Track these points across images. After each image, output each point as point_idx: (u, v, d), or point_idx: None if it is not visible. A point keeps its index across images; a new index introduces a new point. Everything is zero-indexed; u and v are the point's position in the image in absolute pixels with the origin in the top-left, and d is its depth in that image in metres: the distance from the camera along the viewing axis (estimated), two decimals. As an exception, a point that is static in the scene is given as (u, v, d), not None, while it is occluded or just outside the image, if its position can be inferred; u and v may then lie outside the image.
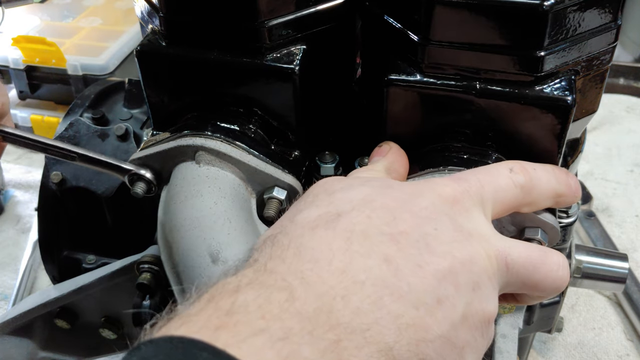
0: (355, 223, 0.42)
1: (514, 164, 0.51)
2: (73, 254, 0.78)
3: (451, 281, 0.41)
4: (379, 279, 0.39)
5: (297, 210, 0.46)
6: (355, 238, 0.41)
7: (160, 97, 0.62)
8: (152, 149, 0.60)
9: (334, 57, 0.62)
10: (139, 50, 0.59)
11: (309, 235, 0.42)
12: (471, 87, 0.53)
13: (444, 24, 0.52)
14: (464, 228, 0.45)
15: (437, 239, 0.43)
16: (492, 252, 0.45)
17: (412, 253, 0.41)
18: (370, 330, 0.37)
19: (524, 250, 0.47)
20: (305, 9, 0.57)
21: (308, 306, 0.36)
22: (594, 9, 0.52)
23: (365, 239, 0.41)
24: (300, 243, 0.41)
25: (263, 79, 0.58)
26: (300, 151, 0.63)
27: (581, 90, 0.56)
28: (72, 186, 0.74)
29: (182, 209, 0.55)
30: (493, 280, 0.45)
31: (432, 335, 0.39)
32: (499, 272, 0.46)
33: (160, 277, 0.67)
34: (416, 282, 0.40)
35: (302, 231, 0.42)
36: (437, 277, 0.41)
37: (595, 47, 0.54)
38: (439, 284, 0.41)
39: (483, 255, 0.44)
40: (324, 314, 0.36)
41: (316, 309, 0.36)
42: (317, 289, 0.37)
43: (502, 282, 0.47)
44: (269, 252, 0.41)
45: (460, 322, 0.41)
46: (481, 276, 0.44)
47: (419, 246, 0.42)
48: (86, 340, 0.79)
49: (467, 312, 0.42)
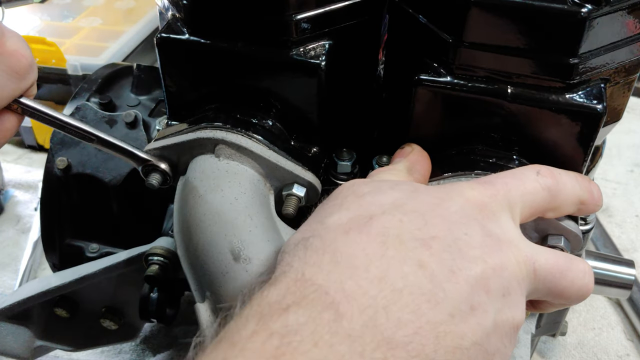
0: (389, 227, 0.42)
1: (541, 167, 0.51)
2: (75, 241, 0.76)
3: (483, 287, 0.41)
4: (416, 286, 0.39)
5: (326, 213, 0.45)
6: (390, 243, 0.41)
7: (179, 87, 0.60)
8: (169, 139, 0.58)
9: (359, 54, 0.61)
10: (160, 37, 0.57)
11: (343, 239, 0.41)
12: (503, 91, 0.52)
13: (478, 25, 0.51)
14: (492, 233, 0.44)
15: (468, 244, 0.43)
16: (521, 257, 0.45)
17: (445, 258, 0.41)
18: (413, 343, 0.37)
19: (551, 256, 0.47)
20: (333, 4, 0.56)
21: (354, 323, 0.36)
22: (629, 17, 0.51)
23: (400, 243, 0.41)
24: (336, 248, 0.41)
25: (288, 72, 0.56)
26: (319, 148, 0.62)
27: (609, 97, 0.56)
28: (78, 172, 0.72)
29: (202, 204, 0.54)
30: (522, 286, 0.45)
31: (467, 342, 0.39)
32: (527, 278, 0.46)
33: (169, 270, 0.65)
34: (451, 288, 0.40)
35: (335, 235, 0.42)
36: (470, 283, 0.41)
37: (627, 55, 0.53)
38: (472, 290, 0.41)
39: (512, 260, 0.44)
40: (369, 329, 0.36)
41: (362, 325, 0.36)
42: (360, 302, 0.37)
43: (530, 288, 0.46)
44: (303, 257, 0.41)
45: (492, 329, 0.41)
46: (511, 282, 0.43)
47: (452, 251, 0.41)
48: (85, 330, 0.78)
49: (498, 319, 0.42)
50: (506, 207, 0.47)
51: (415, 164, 0.56)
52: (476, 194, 0.46)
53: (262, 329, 0.36)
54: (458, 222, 0.43)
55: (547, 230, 0.54)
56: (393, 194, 0.46)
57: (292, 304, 0.37)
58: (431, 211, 0.44)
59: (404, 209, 0.43)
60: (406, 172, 0.54)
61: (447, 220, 0.43)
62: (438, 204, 0.45)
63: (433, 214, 0.44)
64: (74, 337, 0.78)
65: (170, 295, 0.69)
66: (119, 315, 0.75)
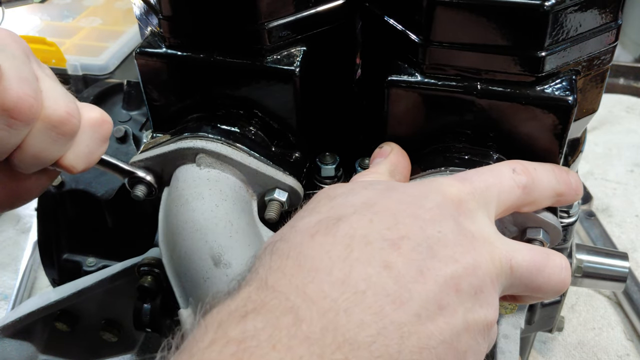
0: (357, 228, 0.42)
1: (516, 164, 0.51)
2: (73, 256, 0.78)
3: (453, 286, 0.41)
4: (380, 287, 0.39)
5: (298, 217, 0.45)
6: (355, 244, 0.41)
7: (160, 99, 0.62)
8: (152, 151, 0.59)
9: (334, 58, 0.62)
10: (139, 52, 0.59)
11: (308, 242, 0.41)
12: (472, 88, 0.53)
13: (445, 24, 0.52)
14: (468, 231, 0.45)
15: (441, 242, 0.42)
16: (496, 255, 0.45)
17: (413, 258, 0.41)
18: (376, 343, 0.37)
19: (528, 253, 0.47)
20: (305, 11, 0.57)
21: (314, 326, 0.36)
22: (594, 8, 0.51)
23: (367, 244, 0.41)
24: (300, 251, 0.41)
25: (263, 80, 0.58)
26: (301, 152, 0.62)
27: (582, 90, 0.56)
28: (72, 189, 0.74)
29: (183, 212, 0.55)
30: (495, 284, 0.45)
31: (434, 341, 0.39)
32: (503, 275, 0.46)
33: (161, 279, 0.67)
34: (417, 288, 0.40)
35: (301, 238, 0.42)
36: (438, 283, 0.41)
37: (595, 47, 0.54)
38: (440, 290, 0.40)
39: (487, 258, 0.44)
40: (329, 332, 0.36)
41: (322, 328, 0.36)
42: (321, 305, 0.37)
43: (504, 285, 0.46)
44: (269, 262, 0.41)
45: (462, 328, 0.41)
46: (484, 280, 0.43)
47: (421, 250, 0.41)
48: (86, 343, 0.79)
49: (468, 318, 0.42)
50: (483, 204, 0.48)
51: (397, 165, 0.56)
52: (454, 190, 0.47)
53: (220, 337, 0.36)
54: (432, 220, 0.43)
55: (525, 223, 0.54)
56: (366, 193, 0.46)
57: (251, 311, 0.37)
58: (404, 210, 0.44)
59: (375, 209, 0.44)
60: (388, 175, 0.55)
61: (420, 219, 0.43)
62: (412, 202, 0.45)
63: (406, 212, 0.43)
64: (76, 350, 0.80)
65: (164, 304, 0.70)
66: (118, 327, 0.77)
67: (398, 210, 0.44)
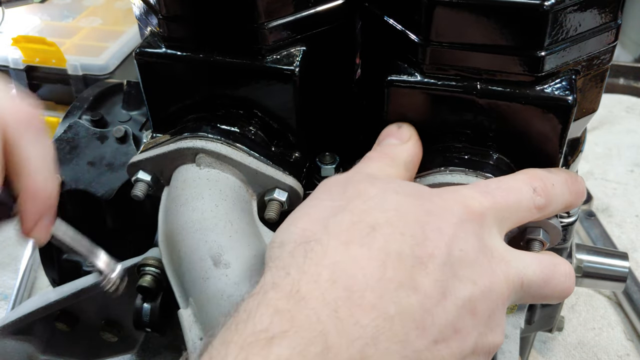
0: (390, 242, 0.42)
1: (536, 182, 0.51)
2: (73, 256, 0.78)
3: (470, 310, 0.42)
4: (407, 312, 0.39)
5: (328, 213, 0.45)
6: (390, 263, 0.41)
7: (160, 100, 0.62)
8: (151, 151, 0.59)
9: (334, 58, 0.62)
10: (138, 53, 0.59)
11: (343, 252, 0.41)
12: (472, 88, 0.53)
13: (444, 24, 0.52)
14: (487, 248, 0.45)
15: (462, 261, 0.43)
16: (510, 275, 0.46)
17: (438, 279, 0.41)
18: None
19: (538, 267, 0.48)
20: (304, 10, 0.57)
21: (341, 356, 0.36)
22: (594, 8, 0.51)
23: (399, 262, 0.41)
24: (334, 262, 0.40)
25: (263, 80, 0.58)
26: (301, 152, 0.63)
27: (581, 89, 0.56)
28: (72, 189, 0.74)
29: (183, 212, 0.55)
30: (506, 303, 0.46)
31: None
32: (514, 293, 0.47)
33: (162, 279, 0.67)
34: (439, 312, 0.41)
35: (336, 244, 0.42)
36: (457, 306, 0.41)
37: (595, 46, 0.54)
38: (458, 314, 0.41)
39: (502, 279, 0.45)
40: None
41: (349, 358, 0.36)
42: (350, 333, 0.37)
43: (514, 300, 0.48)
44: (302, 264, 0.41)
45: (470, 352, 0.42)
46: (497, 303, 0.44)
47: (445, 270, 0.42)
48: (86, 343, 0.79)
49: (478, 342, 0.43)
50: (499, 220, 0.48)
51: (414, 158, 0.55)
52: (477, 204, 0.47)
53: None
54: (455, 236, 0.44)
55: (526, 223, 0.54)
56: (397, 199, 0.45)
57: (278, 335, 0.36)
58: (431, 222, 0.44)
59: (406, 219, 0.44)
60: (404, 167, 0.54)
61: (445, 234, 0.44)
62: (438, 214, 0.45)
63: (432, 226, 0.44)
64: (76, 350, 0.80)
65: (164, 304, 0.70)
66: (118, 328, 0.77)
67: (426, 222, 0.44)
